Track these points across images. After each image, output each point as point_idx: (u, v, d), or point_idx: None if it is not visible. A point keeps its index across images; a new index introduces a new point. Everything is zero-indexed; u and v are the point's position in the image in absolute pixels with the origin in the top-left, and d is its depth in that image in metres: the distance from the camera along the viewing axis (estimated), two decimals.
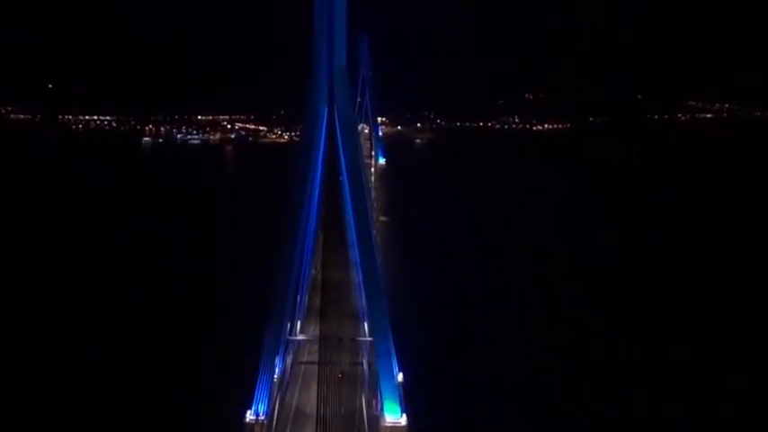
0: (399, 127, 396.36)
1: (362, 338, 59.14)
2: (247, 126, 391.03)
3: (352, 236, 59.99)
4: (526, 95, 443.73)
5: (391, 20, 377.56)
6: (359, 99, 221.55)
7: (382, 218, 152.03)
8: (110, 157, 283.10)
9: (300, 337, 62.23)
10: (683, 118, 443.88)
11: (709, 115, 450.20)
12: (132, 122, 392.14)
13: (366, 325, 58.07)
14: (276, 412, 53.37)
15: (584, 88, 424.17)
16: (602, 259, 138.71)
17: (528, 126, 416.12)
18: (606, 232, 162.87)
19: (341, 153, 56.60)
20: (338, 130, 55.58)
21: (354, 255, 61.07)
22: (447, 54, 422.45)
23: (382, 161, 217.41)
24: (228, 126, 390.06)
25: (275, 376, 53.93)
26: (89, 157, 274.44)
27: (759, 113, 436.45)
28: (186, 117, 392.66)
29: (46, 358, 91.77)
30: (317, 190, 60.81)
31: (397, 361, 53.30)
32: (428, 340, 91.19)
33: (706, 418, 78.77)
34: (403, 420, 51.34)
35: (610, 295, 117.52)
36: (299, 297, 61.35)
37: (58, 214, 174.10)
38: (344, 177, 56.29)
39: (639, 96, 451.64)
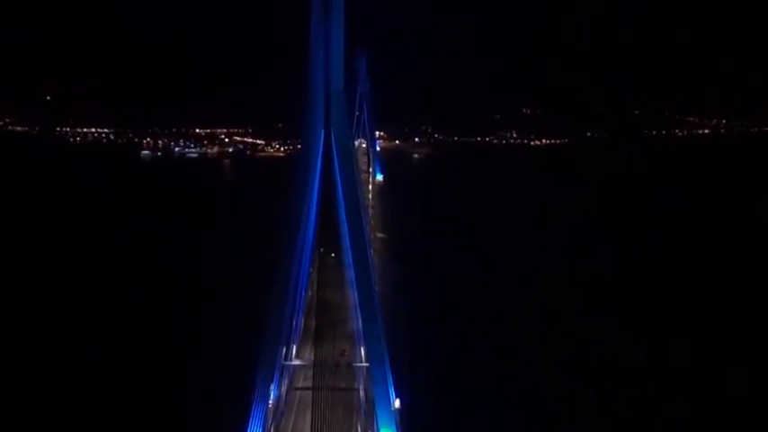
0: (397, 141, 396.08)
1: (359, 364, 58.35)
2: (245, 139, 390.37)
3: (348, 257, 59.30)
4: (524, 110, 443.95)
5: (389, 34, 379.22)
6: (356, 113, 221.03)
7: (380, 235, 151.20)
8: (112, 169, 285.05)
9: (296, 363, 61.40)
10: (680, 133, 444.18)
11: (706, 131, 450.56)
12: (130, 135, 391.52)
13: (362, 350, 57.25)
14: None
15: (582, 103, 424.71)
16: (602, 273, 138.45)
17: (526, 141, 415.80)
18: (605, 246, 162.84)
19: (337, 176, 55.95)
20: (335, 152, 54.92)
21: (350, 275, 60.37)
22: (444, 69, 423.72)
23: (380, 177, 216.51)
24: (226, 139, 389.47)
25: (270, 402, 53.11)
26: (92, 169, 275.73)
27: (756, 129, 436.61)
28: (184, 130, 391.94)
29: (47, 358, 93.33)
30: (313, 212, 60.06)
31: (394, 387, 52.57)
32: (429, 354, 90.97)
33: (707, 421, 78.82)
34: None
35: (610, 307, 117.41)
36: (294, 321, 60.54)
37: (69, 223, 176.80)
38: (340, 200, 55.60)
39: (637, 111, 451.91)
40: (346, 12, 53.91)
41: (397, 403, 52.75)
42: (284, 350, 57.28)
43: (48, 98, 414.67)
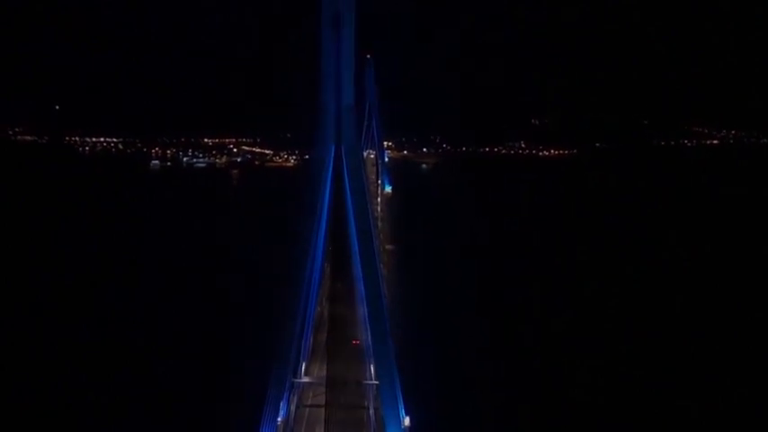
0: (405, 152, 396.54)
1: (368, 382, 58.01)
2: (253, 149, 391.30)
3: (357, 271, 59.24)
4: (532, 121, 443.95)
5: (398, 44, 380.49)
6: (365, 123, 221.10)
7: (388, 246, 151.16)
8: (123, 179, 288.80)
9: (305, 380, 61.16)
10: (689, 144, 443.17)
11: (715, 141, 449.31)
12: (139, 145, 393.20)
13: (372, 368, 56.97)
14: None
15: (590, 114, 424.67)
16: (606, 283, 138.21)
17: (534, 152, 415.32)
18: (611, 256, 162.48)
19: (347, 193, 56.00)
20: (345, 169, 54.97)
21: (360, 288, 60.28)
22: (453, 79, 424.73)
23: (388, 189, 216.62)
24: (235, 149, 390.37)
25: (279, 419, 52.87)
26: (103, 179, 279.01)
27: (765, 140, 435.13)
28: (192, 140, 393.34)
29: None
30: (323, 227, 60.00)
31: (404, 405, 52.15)
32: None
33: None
34: None
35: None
36: (304, 337, 60.36)
37: (78, 232, 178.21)
38: (351, 218, 55.55)
39: (646, 122, 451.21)
40: (357, 29, 54.00)
41: (406, 421, 52.38)
42: (294, 367, 57.08)
43: (57, 107, 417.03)
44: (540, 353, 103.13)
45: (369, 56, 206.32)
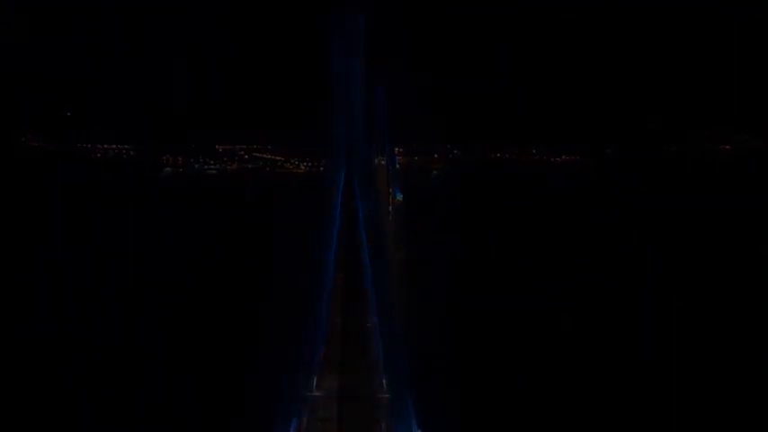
0: (416, 157, 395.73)
1: (382, 395, 57.72)
2: (264, 156, 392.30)
3: (369, 282, 59.29)
4: (543, 127, 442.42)
5: (407, 49, 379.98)
6: (375, 129, 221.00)
7: (398, 254, 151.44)
8: (137, 185, 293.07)
9: (317, 393, 60.94)
10: (701, 150, 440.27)
11: (727, 146, 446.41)
12: (150, 151, 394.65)
13: (384, 381, 56.81)
14: None
15: (603, 121, 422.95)
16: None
17: (545, 157, 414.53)
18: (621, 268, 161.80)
19: (359, 202, 56.16)
20: (356, 181, 55.18)
21: (371, 299, 60.28)
22: (463, 84, 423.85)
23: (399, 197, 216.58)
24: (246, 156, 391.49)
25: None
26: (119, 185, 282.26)
27: None
28: (203, 146, 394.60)
29: None
30: (334, 238, 60.09)
31: (416, 420, 51.86)
32: None
33: None
34: None
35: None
36: (316, 349, 60.30)
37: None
38: (362, 228, 55.65)
39: (655, 127, 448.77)
40: (367, 39, 54.12)
41: None
42: (306, 380, 57.00)
43: (68, 114, 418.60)
44: (541, 352, 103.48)
45: (378, 62, 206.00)
